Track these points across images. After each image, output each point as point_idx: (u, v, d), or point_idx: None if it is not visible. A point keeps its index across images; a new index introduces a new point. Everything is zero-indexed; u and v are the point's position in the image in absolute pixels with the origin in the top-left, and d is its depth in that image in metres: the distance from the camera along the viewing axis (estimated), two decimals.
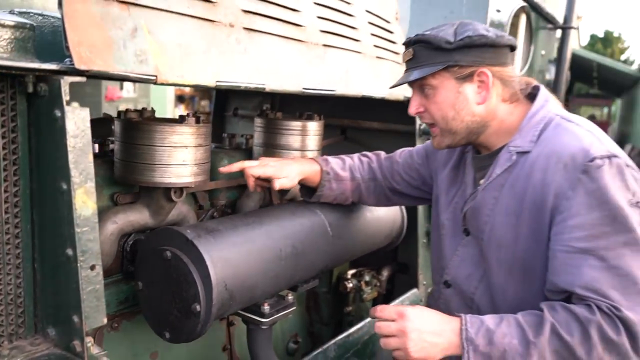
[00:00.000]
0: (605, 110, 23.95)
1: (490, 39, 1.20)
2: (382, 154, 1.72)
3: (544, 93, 1.29)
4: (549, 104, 1.27)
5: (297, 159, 1.63)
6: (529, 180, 1.19)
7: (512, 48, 1.27)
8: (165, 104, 12.74)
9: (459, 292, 1.39)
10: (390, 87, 1.36)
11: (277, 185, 1.50)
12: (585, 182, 1.10)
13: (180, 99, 15.41)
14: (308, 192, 1.65)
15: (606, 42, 36.40)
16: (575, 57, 16.20)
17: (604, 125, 21.70)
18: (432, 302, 1.52)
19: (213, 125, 2.73)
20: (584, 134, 1.18)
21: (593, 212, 1.09)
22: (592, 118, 24.78)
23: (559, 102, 1.33)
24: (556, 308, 1.11)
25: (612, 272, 1.08)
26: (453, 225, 1.42)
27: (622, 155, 1.15)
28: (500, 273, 1.27)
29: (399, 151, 1.71)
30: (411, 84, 1.31)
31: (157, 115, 1.49)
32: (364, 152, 1.73)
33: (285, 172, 1.51)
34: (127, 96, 11.26)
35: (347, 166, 1.64)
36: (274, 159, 1.59)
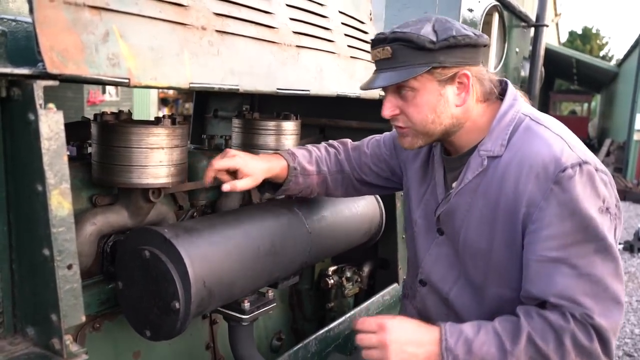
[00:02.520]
0: (586, 105, 24.40)
1: (473, 39, 1.17)
2: (349, 143, 1.67)
3: (511, 91, 1.27)
4: (517, 102, 1.26)
5: (263, 155, 1.53)
6: (501, 186, 1.19)
7: (485, 46, 1.24)
8: (148, 107, 12.69)
9: (434, 291, 1.39)
10: (362, 88, 1.28)
11: (238, 186, 1.39)
12: (557, 193, 1.11)
13: (164, 101, 15.35)
14: (273, 187, 1.57)
15: (585, 39, 37.01)
16: (555, 54, 16.42)
17: (584, 121, 22.13)
18: (409, 300, 1.52)
19: (193, 127, 2.77)
20: (554, 140, 1.16)
21: (565, 222, 1.10)
22: (572, 114, 25.27)
23: (527, 98, 1.32)
24: (532, 315, 1.13)
25: (584, 279, 1.10)
26: (426, 224, 1.41)
27: (592, 160, 1.15)
28: (477, 277, 1.28)
29: (366, 140, 1.66)
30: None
31: (141, 118, 1.51)
32: (330, 142, 1.67)
33: (251, 168, 1.42)
34: (109, 100, 11.20)
35: (313, 159, 1.58)
36: (241, 152, 1.48)
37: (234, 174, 1.42)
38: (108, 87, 10.97)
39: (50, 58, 0.90)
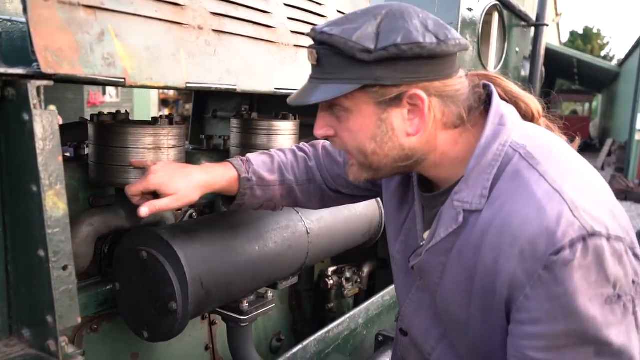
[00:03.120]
0: (587, 105, 24.43)
1: (427, 49, 0.85)
2: (320, 146, 1.37)
3: (496, 111, 0.94)
4: (504, 129, 0.92)
5: (205, 165, 1.27)
6: (479, 252, 0.90)
7: (454, 54, 0.92)
8: (149, 108, 12.71)
9: (415, 345, 1.14)
10: (288, 103, 1.03)
11: (157, 207, 1.16)
12: (548, 283, 0.81)
13: (164, 103, 15.36)
14: (227, 200, 1.33)
15: (586, 39, 37.06)
16: (556, 54, 16.44)
17: (585, 121, 22.14)
18: (394, 345, 1.31)
19: (193, 127, 2.76)
20: (550, 199, 0.84)
21: (557, 323, 0.82)
22: (574, 113, 25.31)
23: (530, 106, 1.03)
24: None
25: None
26: (404, 262, 1.12)
27: (602, 223, 0.82)
28: (460, 348, 1.04)
29: None
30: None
31: (140, 119, 1.51)
32: (300, 145, 1.40)
33: (175, 187, 1.16)
34: (110, 101, 11.23)
35: (275, 166, 1.31)
36: (171, 164, 1.24)
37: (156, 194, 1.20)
38: (108, 88, 10.99)
39: (44, 58, 0.90)
